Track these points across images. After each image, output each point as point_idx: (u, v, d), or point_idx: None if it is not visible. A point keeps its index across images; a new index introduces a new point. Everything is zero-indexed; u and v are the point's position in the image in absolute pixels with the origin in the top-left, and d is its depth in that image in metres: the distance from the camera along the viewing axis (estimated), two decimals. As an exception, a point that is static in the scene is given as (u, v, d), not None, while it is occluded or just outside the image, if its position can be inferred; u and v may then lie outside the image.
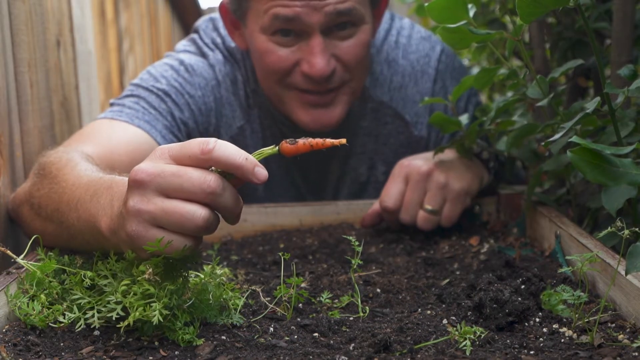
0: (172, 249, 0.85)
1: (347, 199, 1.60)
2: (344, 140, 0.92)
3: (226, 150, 0.86)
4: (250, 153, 1.00)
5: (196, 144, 0.86)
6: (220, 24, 1.59)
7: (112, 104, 1.44)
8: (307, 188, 1.61)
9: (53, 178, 1.11)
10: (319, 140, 0.92)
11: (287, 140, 0.91)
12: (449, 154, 1.37)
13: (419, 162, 1.33)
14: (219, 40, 1.57)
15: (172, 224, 0.85)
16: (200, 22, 1.63)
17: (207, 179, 0.85)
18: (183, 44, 1.60)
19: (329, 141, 0.91)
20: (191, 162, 0.86)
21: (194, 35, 1.60)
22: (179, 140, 1.40)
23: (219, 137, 1.11)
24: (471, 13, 1.08)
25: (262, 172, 0.87)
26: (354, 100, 1.48)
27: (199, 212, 0.85)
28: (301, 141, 0.92)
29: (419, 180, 1.30)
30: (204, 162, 0.86)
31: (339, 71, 1.39)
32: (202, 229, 0.85)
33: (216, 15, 1.62)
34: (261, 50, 1.40)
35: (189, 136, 1.46)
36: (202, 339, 0.88)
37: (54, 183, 1.10)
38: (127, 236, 0.86)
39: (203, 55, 1.55)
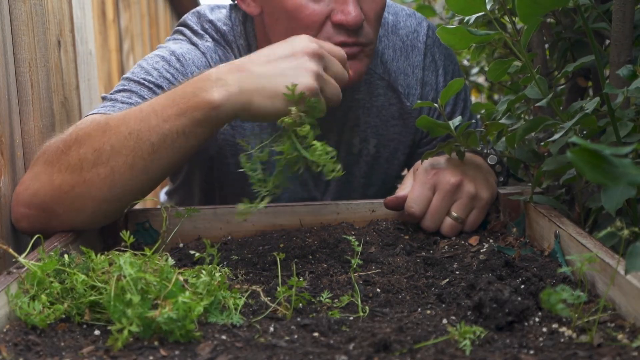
0: (333, 96, 1.20)
1: (342, 171, 1.61)
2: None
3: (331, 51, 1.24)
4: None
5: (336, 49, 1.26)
6: (207, 13, 1.59)
7: (104, 98, 1.43)
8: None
9: (104, 126, 1.19)
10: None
11: None
12: (469, 160, 1.38)
13: (447, 172, 1.33)
14: (207, 25, 1.57)
15: (331, 84, 1.20)
16: (186, 16, 1.63)
17: (338, 53, 1.24)
18: (172, 37, 1.60)
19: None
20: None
21: (181, 28, 1.60)
22: None
23: None
24: (488, 6, 1.09)
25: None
26: (369, 64, 1.51)
27: (345, 74, 1.24)
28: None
29: (450, 190, 1.31)
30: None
31: (365, 26, 1.42)
32: (345, 84, 1.24)
33: (200, 7, 1.62)
34: (292, 9, 1.41)
35: None
36: (200, 332, 0.88)
37: (107, 129, 1.19)
38: (303, 88, 1.14)
39: (193, 44, 1.55)
